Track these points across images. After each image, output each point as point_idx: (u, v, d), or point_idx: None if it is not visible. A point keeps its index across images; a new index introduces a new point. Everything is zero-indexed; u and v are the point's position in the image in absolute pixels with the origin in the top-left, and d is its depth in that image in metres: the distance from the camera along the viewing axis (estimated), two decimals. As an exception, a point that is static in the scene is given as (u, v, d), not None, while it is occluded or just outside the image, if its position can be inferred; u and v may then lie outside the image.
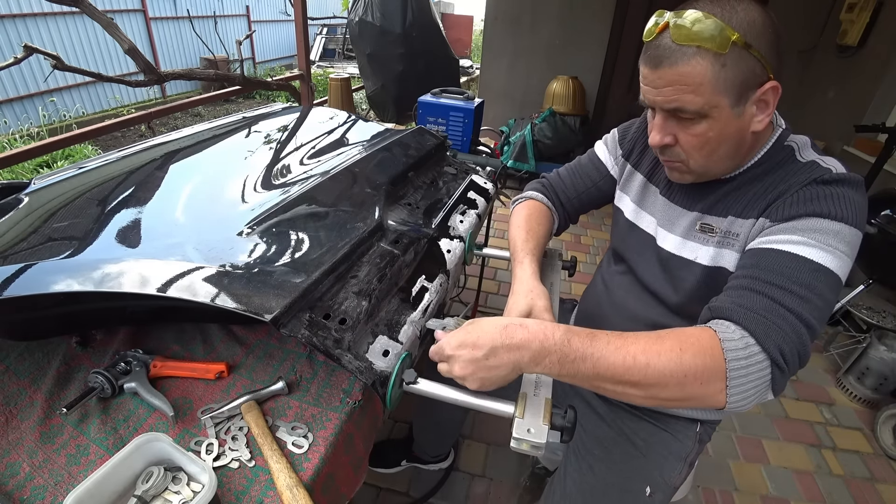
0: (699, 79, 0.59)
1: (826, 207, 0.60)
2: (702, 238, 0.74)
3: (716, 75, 0.59)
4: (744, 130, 0.64)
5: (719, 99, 0.60)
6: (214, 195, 1.03)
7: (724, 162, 0.68)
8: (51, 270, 0.72)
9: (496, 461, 1.55)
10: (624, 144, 0.91)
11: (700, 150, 0.66)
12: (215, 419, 0.69)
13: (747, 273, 0.61)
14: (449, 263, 0.96)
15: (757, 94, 0.61)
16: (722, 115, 0.62)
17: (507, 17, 3.77)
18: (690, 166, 0.69)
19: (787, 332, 0.54)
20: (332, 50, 10.50)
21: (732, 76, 0.59)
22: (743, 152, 0.68)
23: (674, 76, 0.61)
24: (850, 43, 2.79)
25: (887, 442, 1.69)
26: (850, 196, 0.61)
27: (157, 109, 2.47)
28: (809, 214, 0.60)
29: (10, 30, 5.35)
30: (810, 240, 0.59)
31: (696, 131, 0.64)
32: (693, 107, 0.61)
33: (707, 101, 0.60)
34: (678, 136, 0.66)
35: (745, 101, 0.61)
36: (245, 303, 0.66)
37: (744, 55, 0.58)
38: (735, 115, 0.62)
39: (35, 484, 0.60)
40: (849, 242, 0.59)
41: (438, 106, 1.77)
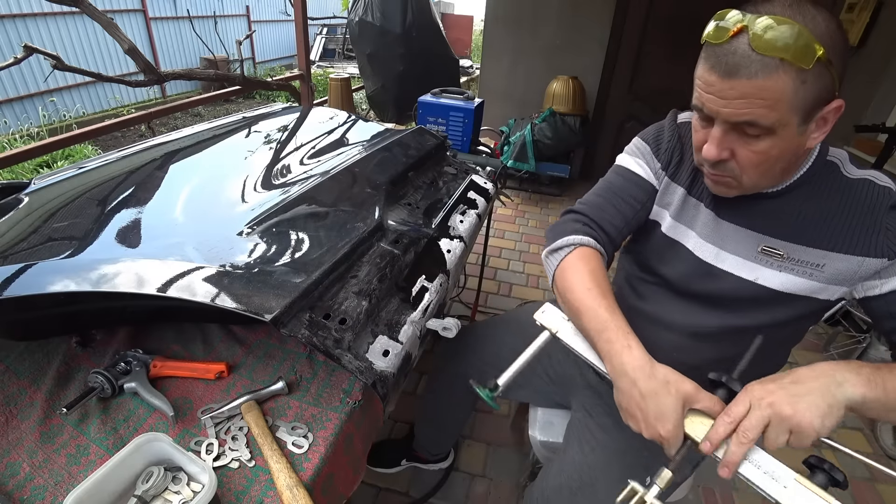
0: (779, 94, 0.54)
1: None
2: (764, 261, 0.71)
3: (796, 92, 0.54)
4: (801, 147, 0.62)
5: (791, 117, 0.57)
6: (214, 195, 1.03)
7: (775, 179, 0.68)
8: (51, 270, 0.72)
9: (496, 461, 1.55)
10: (660, 156, 0.82)
11: (758, 168, 0.63)
12: (215, 419, 0.69)
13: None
14: (449, 263, 0.96)
15: (823, 111, 0.58)
16: (788, 134, 0.58)
17: (507, 18, 3.77)
18: (742, 182, 0.66)
19: None
20: (332, 50, 10.49)
21: (810, 94, 0.55)
22: (793, 169, 0.68)
23: (751, 89, 0.55)
24: (851, 43, 2.79)
25: (887, 442, 1.69)
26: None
27: (157, 109, 2.46)
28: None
29: (10, 30, 5.35)
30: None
31: (759, 148, 0.60)
32: (766, 122, 0.57)
33: (780, 119, 0.56)
34: (736, 150, 0.62)
35: (812, 119, 0.58)
36: (245, 303, 0.66)
37: (823, 72, 0.54)
38: (799, 133, 0.59)
39: (35, 484, 0.60)
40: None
41: (438, 106, 1.77)
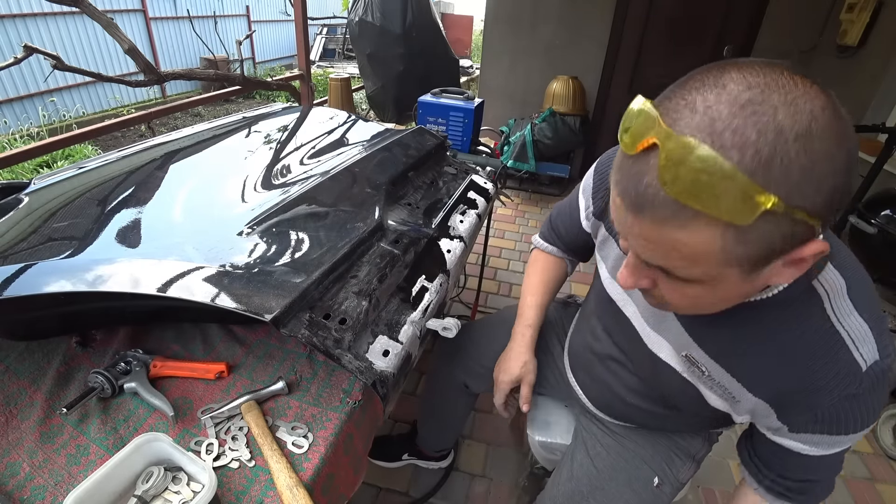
0: (700, 250, 0.39)
1: (848, 427, 0.55)
2: (685, 366, 0.65)
3: (727, 250, 0.39)
4: (754, 290, 0.47)
5: (727, 271, 0.42)
6: (214, 195, 1.03)
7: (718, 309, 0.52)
8: (51, 270, 0.72)
9: (496, 461, 1.55)
10: (597, 200, 0.77)
11: (691, 307, 0.51)
12: (215, 419, 0.69)
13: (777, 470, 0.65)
14: (449, 263, 0.96)
15: (790, 255, 0.40)
16: (729, 282, 0.44)
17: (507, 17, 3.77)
18: (671, 309, 0.56)
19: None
20: (332, 50, 10.49)
21: (754, 250, 0.39)
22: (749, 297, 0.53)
23: (661, 237, 0.40)
24: (850, 43, 2.78)
25: (887, 442, 1.69)
26: (875, 404, 0.54)
27: (157, 109, 2.46)
28: (833, 433, 0.56)
29: (10, 30, 5.35)
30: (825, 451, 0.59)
31: (687, 293, 0.47)
32: (682, 274, 0.44)
33: (706, 273, 0.42)
34: (660, 284, 0.49)
35: (767, 265, 0.41)
36: (245, 303, 0.66)
37: (780, 221, 0.36)
38: (746, 280, 0.43)
39: (35, 484, 0.60)
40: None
41: (438, 106, 1.77)
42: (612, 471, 0.86)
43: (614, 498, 0.84)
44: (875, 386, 0.52)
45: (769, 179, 0.34)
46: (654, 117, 0.38)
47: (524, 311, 0.97)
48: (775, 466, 0.66)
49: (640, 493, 0.84)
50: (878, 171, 2.22)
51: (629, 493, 0.84)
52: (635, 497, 0.83)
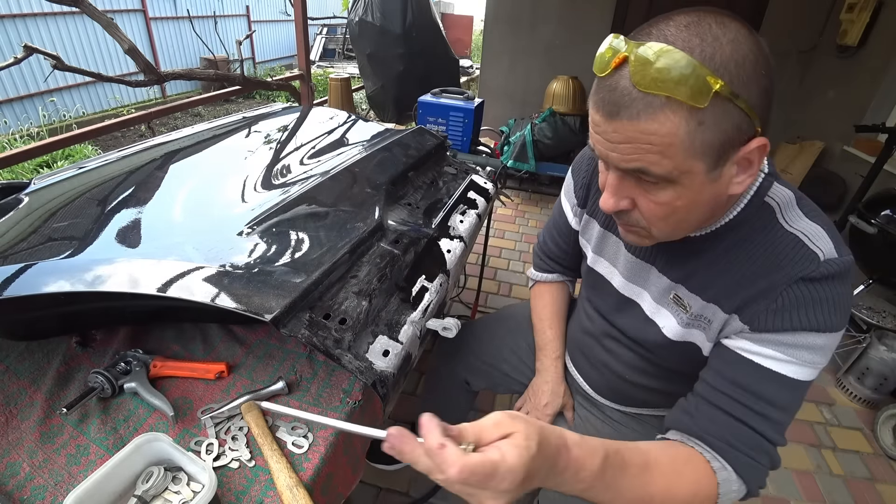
0: (668, 139, 0.46)
1: (814, 319, 0.54)
2: (673, 308, 0.68)
3: (690, 136, 0.45)
4: (720, 195, 0.53)
5: (693, 163, 0.48)
6: (214, 195, 1.04)
7: (691, 228, 0.59)
8: (51, 271, 0.72)
9: (496, 461, 1.55)
10: (577, 192, 0.83)
11: (665, 220, 0.55)
12: (215, 419, 0.69)
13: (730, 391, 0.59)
14: (449, 263, 0.96)
15: (740, 153, 0.48)
16: (695, 182, 0.50)
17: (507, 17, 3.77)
18: (652, 233, 0.59)
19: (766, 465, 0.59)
20: (332, 50, 10.50)
21: (711, 136, 0.46)
22: (716, 214, 0.60)
23: (634, 132, 0.47)
24: (850, 43, 2.79)
25: (887, 442, 1.69)
26: (839, 294, 0.54)
27: (157, 109, 2.47)
28: (795, 329, 0.55)
29: (10, 30, 5.35)
30: (793, 358, 0.56)
31: (661, 199, 0.52)
32: (659, 171, 0.49)
33: (677, 166, 0.48)
34: (637, 200, 0.55)
35: (725, 163, 0.49)
36: (245, 303, 0.66)
37: (728, 109, 0.45)
38: (710, 180, 0.50)
39: (35, 484, 0.60)
40: (831, 348, 0.56)
41: (438, 106, 1.77)
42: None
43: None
44: (836, 277, 0.54)
45: (714, 67, 0.44)
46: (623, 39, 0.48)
47: (547, 344, 0.98)
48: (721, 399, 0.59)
49: None
50: (878, 171, 2.22)
51: None
52: None
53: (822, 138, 2.94)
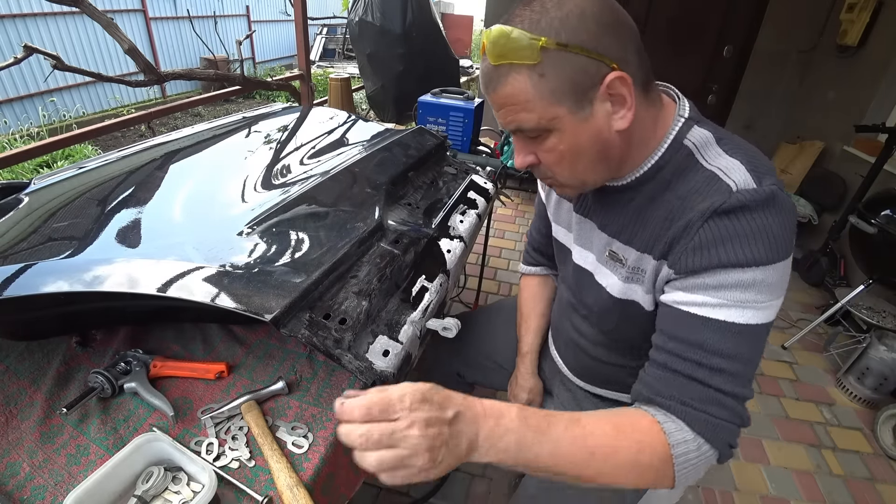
0: (523, 95, 0.54)
1: (732, 254, 0.52)
2: (611, 265, 0.69)
3: (537, 87, 0.53)
4: (602, 133, 0.56)
5: (554, 109, 0.54)
6: (214, 195, 1.04)
7: (594, 172, 0.61)
8: (51, 271, 0.72)
9: (496, 461, 1.55)
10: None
11: (560, 165, 0.60)
12: (215, 419, 0.69)
13: (672, 348, 0.58)
14: (449, 263, 0.96)
15: (601, 90, 0.53)
16: (566, 125, 0.55)
17: (507, 17, 3.78)
18: (560, 181, 0.64)
19: (729, 420, 0.55)
20: (332, 50, 10.49)
21: (556, 83, 0.52)
22: (617, 156, 0.60)
23: (501, 98, 0.56)
24: (850, 43, 2.78)
25: (887, 442, 1.69)
26: (759, 226, 0.52)
27: (157, 109, 2.46)
28: (715, 267, 0.53)
29: (10, 30, 5.35)
30: (724, 300, 0.54)
31: (547, 147, 0.58)
32: (529, 124, 0.56)
33: (541, 115, 0.54)
34: (537, 153, 0.61)
35: (589, 102, 0.54)
36: (245, 303, 0.66)
37: (562, 56, 0.51)
38: (580, 120, 0.55)
39: (35, 484, 0.60)
40: (769, 285, 0.53)
41: (438, 106, 1.77)
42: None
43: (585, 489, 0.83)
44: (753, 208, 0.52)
45: (538, 30, 0.51)
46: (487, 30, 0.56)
47: (521, 338, 1.02)
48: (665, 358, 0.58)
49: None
50: (878, 171, 2.22)
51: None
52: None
53: (822, 138, 2.94)
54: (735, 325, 0.54)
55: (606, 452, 0.52)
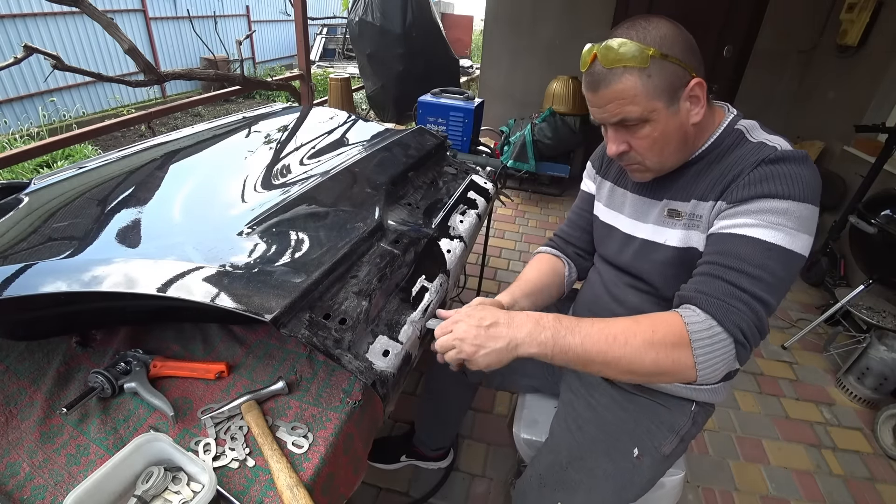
0: (632, 91, 0.68)
1: (774, 187, 0.66)
2: (669, 223, 0.80)
3: (645, 85, 0.68)
4: (684, 125, 0.72)
5: (654, 104, 0.69)
6: (214, 195, 1.04)
7: (675, 155, 0.76)
8: (51, 271, 0.72)
9: (496, 461, 1.55)
10: (595, 164, 1.00)
11: (651, 150, 0.74)
12: (215, 419, 0.69)
13: (709, 259, 0.70)
14: (449, 263, 0.96)
15: (685, 91, 0.69)
16: (661, 117, 0.70)
17: (507, 17, 3.77)
18: (647, 165, 0.77)
19: (744, 311, 0.63)
20: (332, 50, 10.49)
21: (659, 82, 0.68)
22: (690, 143, 0.76)
23: (612, 94, 0.70)
24: (850, 43, 2.78)
25: (887, 442, 1.69)
26: (796, 172, 0.67)
27: (157, 109, 2.47)
28: (759, 196, 0.67)
29: (10, 30, 5.35)
30: (761, 221, 0.66)
31: (643, 134, 0.72)
32: (634, 115, 0.70)
33: (645, 108, 0.69)
34: (630, 142, 0.75)
35: (678, 100, 0.70)
36: (245, 303, 0.66)
37: (664, 64, 0.67)
38: (672, 114, 0.70)
39: (35, 484, 0.60)
40: (799, 217, 0.65)
41: (438, 106, 1.77)
42: (592, 442, 0.88)
43: (593, 467, 0.86)
44: (792, 160, 0.68)
45: (647, 42, 0.67)
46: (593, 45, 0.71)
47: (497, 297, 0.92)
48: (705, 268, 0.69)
49: (618, 463, 0.85)
50: (878, 171, 2.22)
51: (607, 462, 0.86)
52: (613, 466, 0.85)
53: (822, 138, 2.94)
54: (767, 243, 0.65)
55: (627, 335, 0.65)
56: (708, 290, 0.66)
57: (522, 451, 1.08)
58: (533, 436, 1.05)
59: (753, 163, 0.70)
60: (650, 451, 0.86)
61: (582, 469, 0.86)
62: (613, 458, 0.86)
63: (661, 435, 0.88)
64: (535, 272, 0.99)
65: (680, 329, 0.64)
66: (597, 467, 0.86)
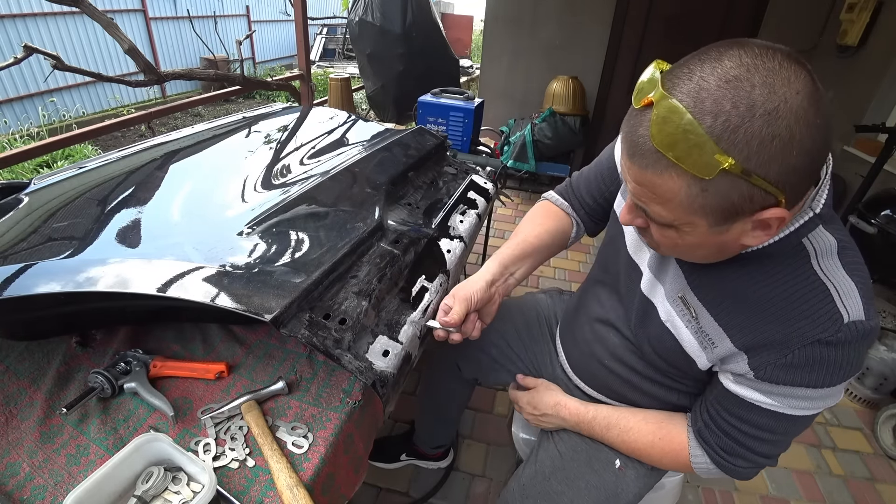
0: (670, 195, 0.48)
1: (817, 378, 0.54)
2: (680, 312, 0.66)
3: (691, 199, 0.46)
4: (729, 244, 0.53)
5: (694, 219, 0.49)
6: (214, 195, 1.03)
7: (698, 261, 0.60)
8: (51, 270, 0.72)
9: (496, 461, 1.55)
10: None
11: (670, 249, 0.59)
12: (215, 419, 0.69)
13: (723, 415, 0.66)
14: (449, 263, 0.96)
15: (753, 217, 0.47)
16: (697, 231, 0.51)
17: (507, 18, 3.77)
18: (660, 251, 0.63)
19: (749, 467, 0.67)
20: (332, 50, 10.49)
21: (715, 202, 0.46)
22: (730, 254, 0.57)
23: (643, 178, 0.49)
24: (850, 43, 2.78)
25: (887, 442, 1.69)
26: (850, 358, 0.53)
27: (157, 109, 2.47)
28: (798, 384, 0.55)
29: (10, 30, 5.35)
30: (786, 406, 0.59)
31: (666, 234, 0.54)
32: (660, 218, 0.52)
33: (677, 218, 0.50)
34: (650, 226, 0.57)
35: (735, 222, 0.48)
36: (245, 303, 0.66)
37: (738, 183, 0.44)
38: (716, 233, 0.50)
39: (35, 484, 0.60)
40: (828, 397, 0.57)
41: (438, 106, 1.77)
42: (574, 452, 0.87)
43: (575, 478, 0.84)
44: (853, 342, 0.52)
45: (731, 144, 0.42)
46: (657, 80, 0.46)
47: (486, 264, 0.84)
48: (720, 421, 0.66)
49: (601, 474, 0.84)
50: (878, 171, 2.22)
51: (590, 473, 0.84)
52: (596, 477, 0.84)
53: (822, 138, 2.95)
54: (785, 415, 0.60)
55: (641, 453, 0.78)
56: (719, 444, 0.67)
57: (521, 450, 1.08)
58: (531, 436, 1.05)
59: (807, 338, 0.52)
60: (633, 463, 0.84)
61: (564, 480, 0.85)
62: (595, 469, 0.84)
63: None
64: (535, 232, 0.87)
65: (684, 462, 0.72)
66: (579, 478, 0.84)
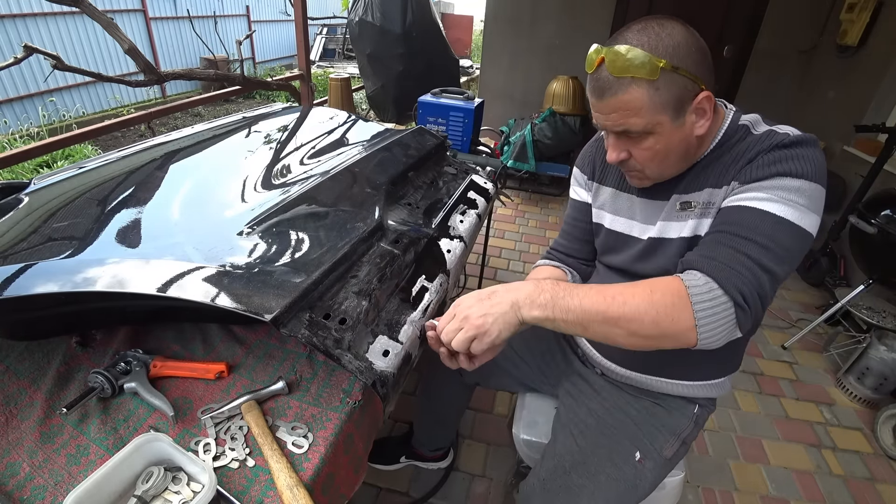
0: (638, 104, 0.66)
1: (788, 167, 0.66)
2: (681, 216, 0.78)
3: (652, 98, 0.66)
4: (688, 137, 0.71)
5: (659, 117, 0.67)
6: (214, 195, 1.04)
7: (676, 165, 0.76)
8: (51, 270, 0.72)
9: (496, 461, 1.55)
10: (586, 170, 0.97)
11: (652, 161, 0.74)
12: (215, 419, 0.69)
13: (716, 228, 0.70)
14: (449, 263, 0.96)
15: (693, 104, 0.68)
16: (665, 130, 0.69)
17: (507, 17, 3.78)
18: (647, 174, 0.77)
19: (747, 276, 0.62)
20: (332, 50, 10.49)
21: (667, 96, 0.66)
22: (692, 153, 0.75)
23: (617, 104, 0.68)
24: (850, 43, 2.79)
25: (887, 442, 1.69)
26: (809, 154, 0.67)
27: (157, 109, 2.47)
28: (775, 174, 0.67)
29: (10, 30, 5.35)
30: (773, 195, 0.65)
31: (646, 146, 0.71)
32: (637, 128, 0.69)
33: (649, 121, 0.68)
34: (631, 151, 0.74)
35: (684, 113, 0.68)
36: (245, 303, 0.66)
37: (673, 77, 0.65)
38: (677, 127, 0.69)
39: (35, 484, 0.60)
40: (810, 196, 0.65)
41: (438, 106, 1.77)
42: (594, 446, 0.89)
43: (596, 472, 0.86)
44: (802, 143, 0.67)
45: (658, 53, 0.64)
46: (599, 48, 0.69)
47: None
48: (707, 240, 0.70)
49: (621, 467, 0.85)
50: (878, 171, 2.22)
51: (610, 466, 0.86)
52: (616, 470, 0.85)
53: (822, 138, 2.94)
54: (777, 216, 0.65)
55: (625, 296, 0.64)
56: (711, 255, 0.65)
57: (522, 451, 1.08)
58: (532, 436, 1.05)
59: (769, 146, 0.69)
60: (652, 454, 0.87)
61: (585, 474, 0.86)
62: (616, 462, 0.86)
63: (663, 438, 0.88)
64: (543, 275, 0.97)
65: (679, 289, 0.63)
66: (600, 472, 0.86)
